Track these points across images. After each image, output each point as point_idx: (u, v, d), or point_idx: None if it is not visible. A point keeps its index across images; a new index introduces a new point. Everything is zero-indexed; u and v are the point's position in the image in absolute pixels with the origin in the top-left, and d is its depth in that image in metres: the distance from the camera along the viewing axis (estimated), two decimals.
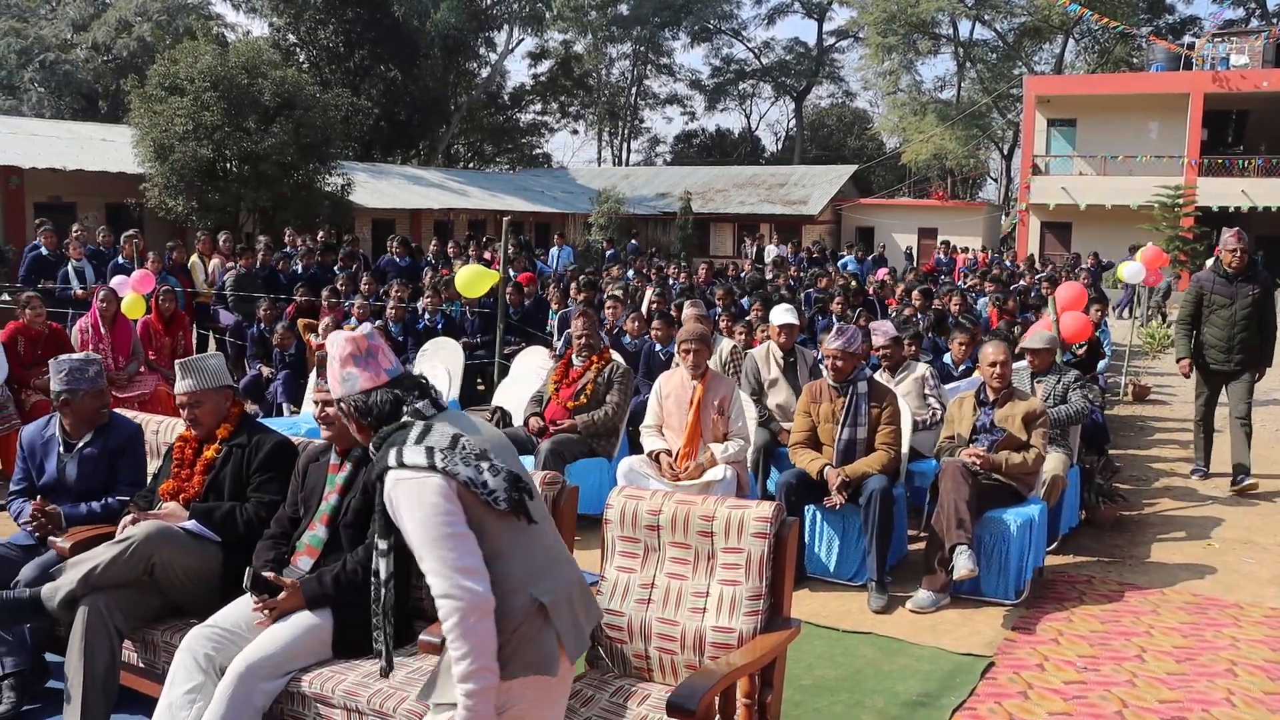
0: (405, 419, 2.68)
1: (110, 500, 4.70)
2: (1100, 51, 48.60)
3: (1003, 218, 40.61)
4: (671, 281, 15.46)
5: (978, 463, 5.94)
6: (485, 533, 2.60)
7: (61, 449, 4.80)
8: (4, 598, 4.06)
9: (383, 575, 2.81)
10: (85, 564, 3.94)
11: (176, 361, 4.51)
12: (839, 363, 6.13)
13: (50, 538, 4.48)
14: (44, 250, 12.83)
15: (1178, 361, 8.57)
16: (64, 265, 12.61)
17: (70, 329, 9.45)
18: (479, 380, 10.84)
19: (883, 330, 7.67)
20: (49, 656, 4.49)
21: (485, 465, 2.58)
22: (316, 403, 3.97)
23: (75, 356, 4.80)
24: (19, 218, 22.70)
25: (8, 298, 12.33)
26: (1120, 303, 22.54)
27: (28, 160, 22.67)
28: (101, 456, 4.77)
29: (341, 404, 2.77)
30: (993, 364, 6.24)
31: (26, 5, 43.09)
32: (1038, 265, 23.23)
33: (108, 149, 25.21)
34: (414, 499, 2.52)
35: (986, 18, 48.02)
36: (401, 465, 2.54)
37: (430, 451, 2.54)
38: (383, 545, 2.80)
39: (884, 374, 7.50)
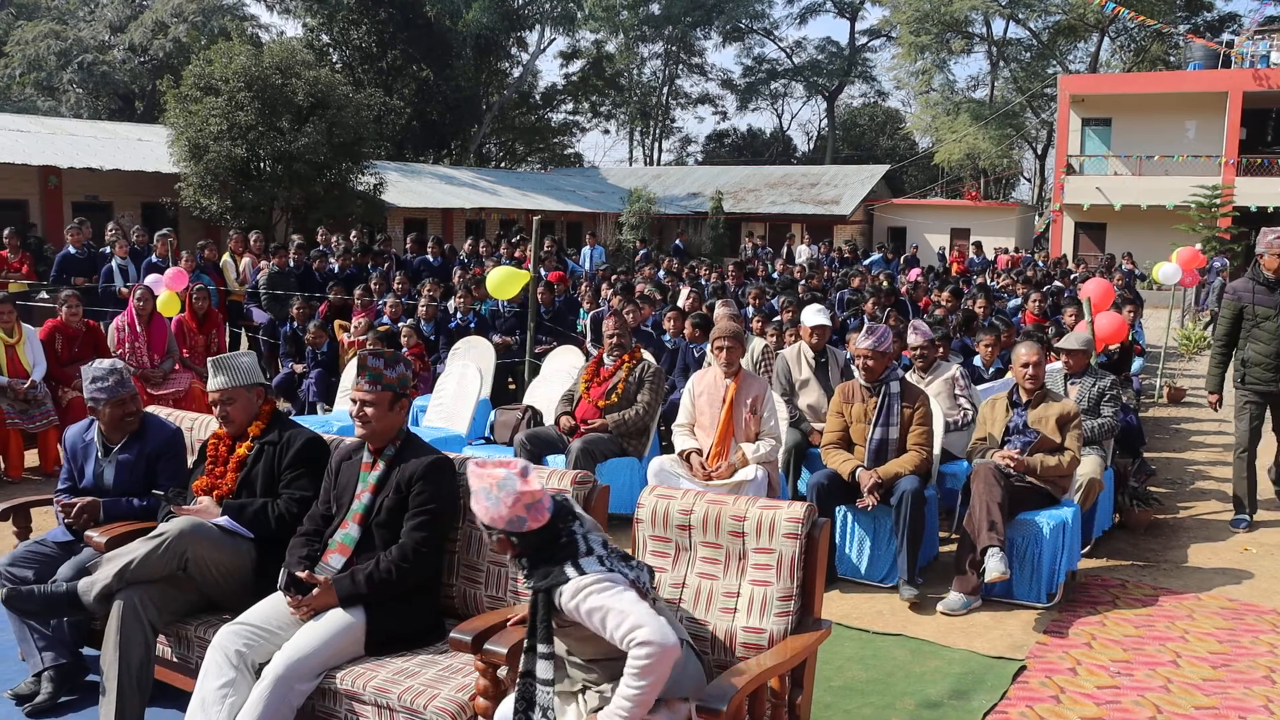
0: (563, 539, 3.20)
1: (145, 502, 4.74)
2: (1136, 50, 48.10)
3: (1036, 218, 40.31)
4: (704, 281, 15.44)
5: (1011, 465, 5.90)
6: None
7: (100, 453, 4.84)
8: (42, 592, 4.11)
9: (543, 676, 3.15)
10: (120, 559, 3.98)
11: (209, 359, 4.53)
12: (870, 362, 6.11)
13: (87, 532, 4.53)
14: (71, 249, 12.95)
15: (1209, 394, 7.50)
16: (105, 263, 12.75)
17: (107, 327, 9.56)
18: (510, 379, 10.87)
19: (922, 330, 7.58)
20: (86, 651, 4.56)
21: (632, 563, 3.26)
22: (354, 400, 3.98)
23: (100, 366, 4.78)
24: (57, 217, 23.00)
25: (45, 296, 12.49)
26: (1203, 302, 21.77)
27: (66, 160, 22.97)
28: (139, 461, 4.79)
29: (499, 534, 3.18)
30: (1025, 365, 6.17)
31: (66, 7, 43.60)
32: (1071, 267, 23.01)
33: (143, 149, 25.49)
34: (602, 588, 3.09)
35: (1020, 16, 47.65)
36: (582, 573, 3.11)
37: (601, 560, 3.16)
38: (544, 650, 3.15)
39: (916, 374, 7.45)
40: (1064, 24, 46.79)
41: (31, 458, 8.44)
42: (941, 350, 8.08)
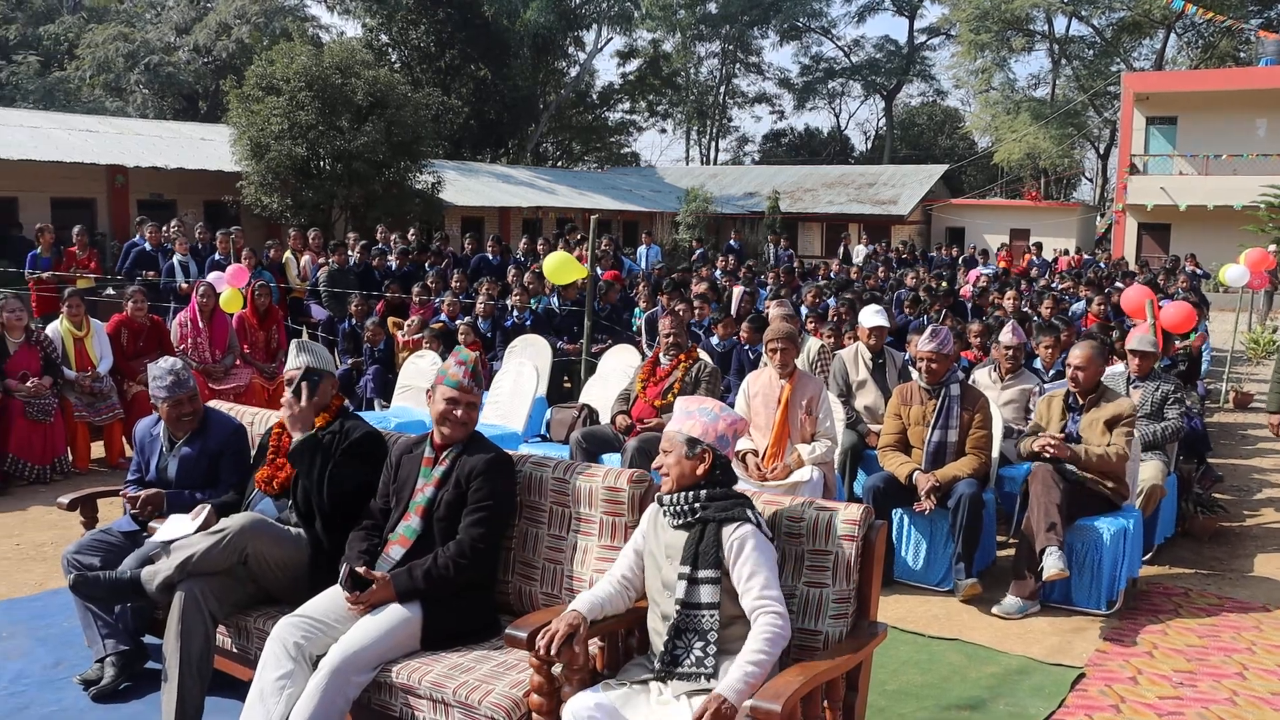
0: (737, 484, 3.54)
1: (212, 492, 4.83)
2: (1204, 46, 47.11)
3: (1098, 219, 39.67)
4: (761, 279, 15.38)
5: (1052, 450, 5.76)
6: None
7: (165, 446, 4.97)
8: (107, 578, 4.22)
9: (707, 601, 3.33)
10: (183, 551, 4.05)
11: (294, 340, 4.60)
12: (933, 365, 6.04)
13: (150, 523, 4.63)
14: (146, 246, 13.24)
15: (1270, 416, 6.73)
16: (167, 259, 13.00)
17: (170, 322, 9.73)
18: (566, 377, 10.90)
19: (1017, 332, 7.41)
20: (148, 639, 4.65)
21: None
22: (457, 402, 3.99)
23: (160, 365, 4.90)
24: (124, 215, 23.47)
25: (112, 291, 12.75)
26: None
27: (132, 159, 23.41)
28: (201, 456, 4.90)
29: (704, 448, 3.45)
30: (1073, 367, 6.01)
31: (134, 10, 44.42)
32: (1134, 268, 22.62)
33: (207, 148, 25.90)
34: (765, 549, 3.35)
35: (1083, 13, 46.84)
36: (758, 526, 3.37)
37: (760, 525, 3.40)
38: (713, 574, 3.33)
39: (994, 376, 7.32)
40: (1128, 20, 45.94)
41: (97, 450, 8.62)
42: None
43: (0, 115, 25.20)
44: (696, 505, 3.41)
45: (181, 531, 4.36)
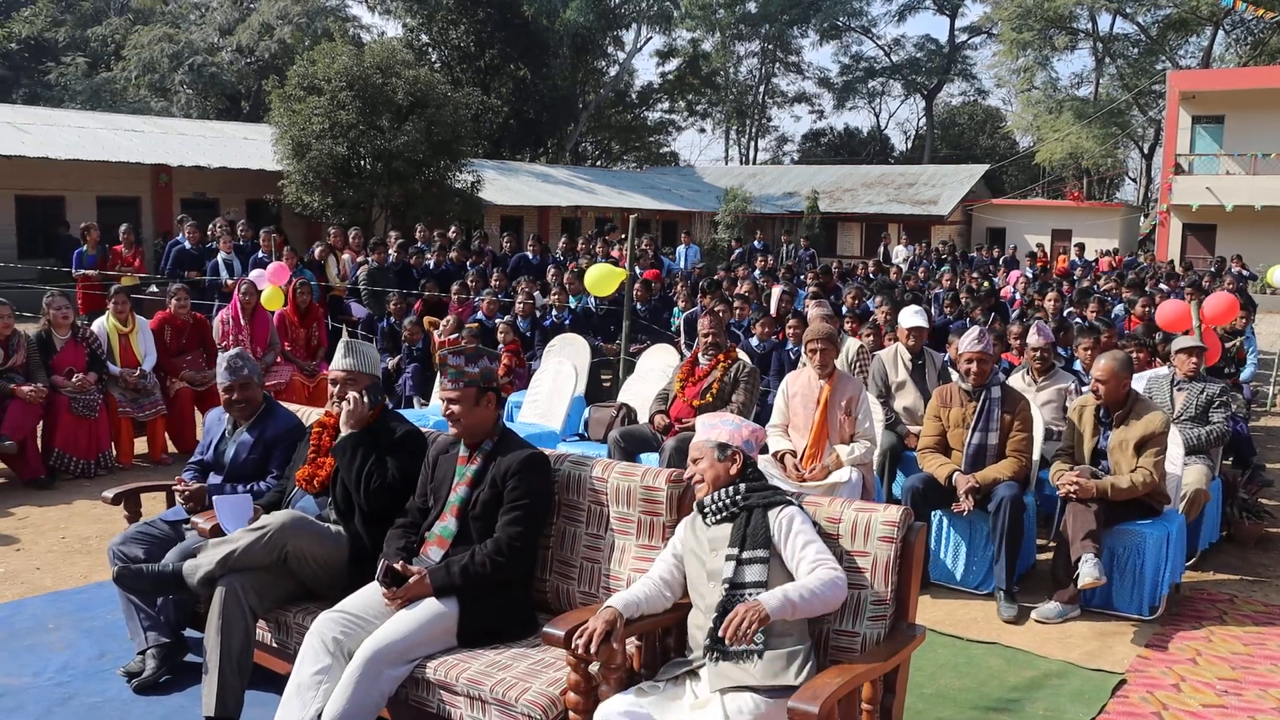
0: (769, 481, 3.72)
1: (258, 485, 4.90)
2: (1254, 43, 46.34)
3: (1141, 219, 39.22)
4: (800, 278, 15.33)
5: (1075, 493, 5.62)
6: None
7: (227, 431, 5.14)
8: (150, 570, 4.28)
9: (755, 579, 3.40)
10: (224, 547, 4.09)
11: (342, 340, 4.65)
12: (978, 367, 5.97)
13: (193, 518, 4.69)
14: (187, 245, 13.39)
15: None
16: (210, 258, 13.15)
17: (213, 320, 9.83)
18: (605, 376, 10.90)
19: (1044, 332, 7.35)
20: (189, 632, 4.71)
21: None
22: (442, 400, 4.03)
23: (226, 354, 5.12)
24: (167, 213, 23.77)
25: (156, 289, 12.91)
26: None
27: (176, 158, 23.71)
28: (257, 445, 5.02)
29: (734, 450, 3.62)
30: (1095, 380, 5.88)
31: (179, 12, 44.95)
32: (1178, 269, 22.33)
33: (249, 147, 26.17)
34: (811, 524, 3.52)
35: (1128, 10, 46.27)
36: (801, 507, 3.56)
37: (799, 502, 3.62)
38: (762, 554, 3.44)
39: (1028, 378, 7.26)
40: (1174, 18, 45.28)
41: (140, 445, 8.73)
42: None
43: (49, 116, 25.61)
44: (738, 497, 3.54)
45: (234, 522, 4.44)
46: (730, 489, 3.56)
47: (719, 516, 3.54)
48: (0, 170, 21.30)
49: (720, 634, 3.26)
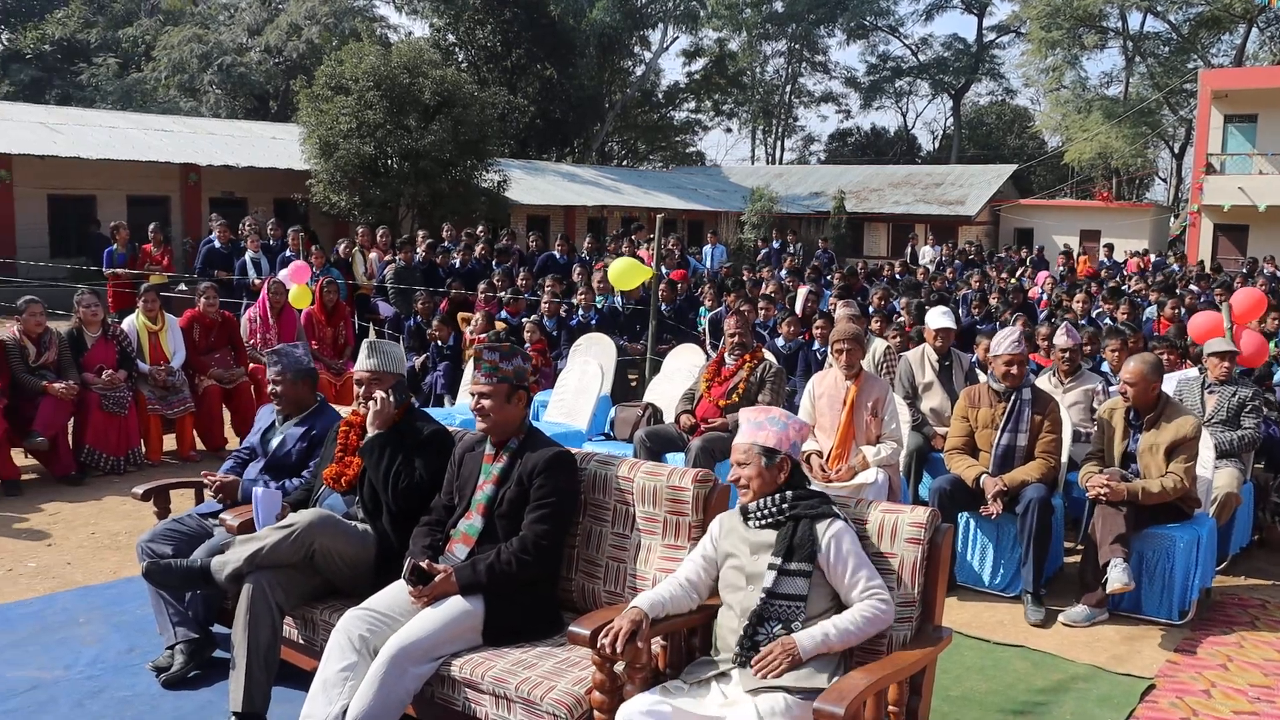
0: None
1: (287, 483, 4.94)
2: None
3: (1171, 220, 38.85)
4: (827, 279, 15.29)
5: (1105, 495, 5.58)
6: None
7: (277, 421, 5.24)
8: (179, 565, 4.33)
9: (795, 592, 3.39)
10: (252, 544, 4.12)
11: (366, 340, 4.68)
12: (1014, 369, 5.92)
13: (221, 514, 4.73)
14: (217, 243, 13.50)
15: None
16: (238, 257, 13.24)
17: (240, 318, 9.89)
18: (631, 376, 10.91)
19: (1071, 333, 7.31)
20: (217, 628, 4.75)
21: None
22: (473, 394, 4.05)
23: (273, 349, 5.26)
24: (196, 211, 23.97)
25: (185, 287, 13.01)
26: None
27: (205, 158, 23.88)
28: (300, 440, 5.10)
29: (783, 456, 3.55)
30: (1122, 382, 5.82)
31: (208, 12, 45.27)
32: (1209, 271, 22.10)
33: (277, 146, 26.32)
34: (859, 543, 3.47)
35: (1159, 9, 45.82)
36: (845, 521, 3.50)
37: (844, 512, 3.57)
38: (806, 567, 3.40)
39: (1055, 379, 7.21)
40: (1207, 16, 44.75)
41: (169, 442, 8.79)
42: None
43: (81, 116, 25.85)
44: (784, 506, 3.49)
45: (267, 517, 4.49)
46: (777, 496, 3.51)
47: (764, 522, 3.51)
48: (33, 170, 21.54)
49: (751, 667, 3.28)
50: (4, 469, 7.65)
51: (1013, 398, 5.93)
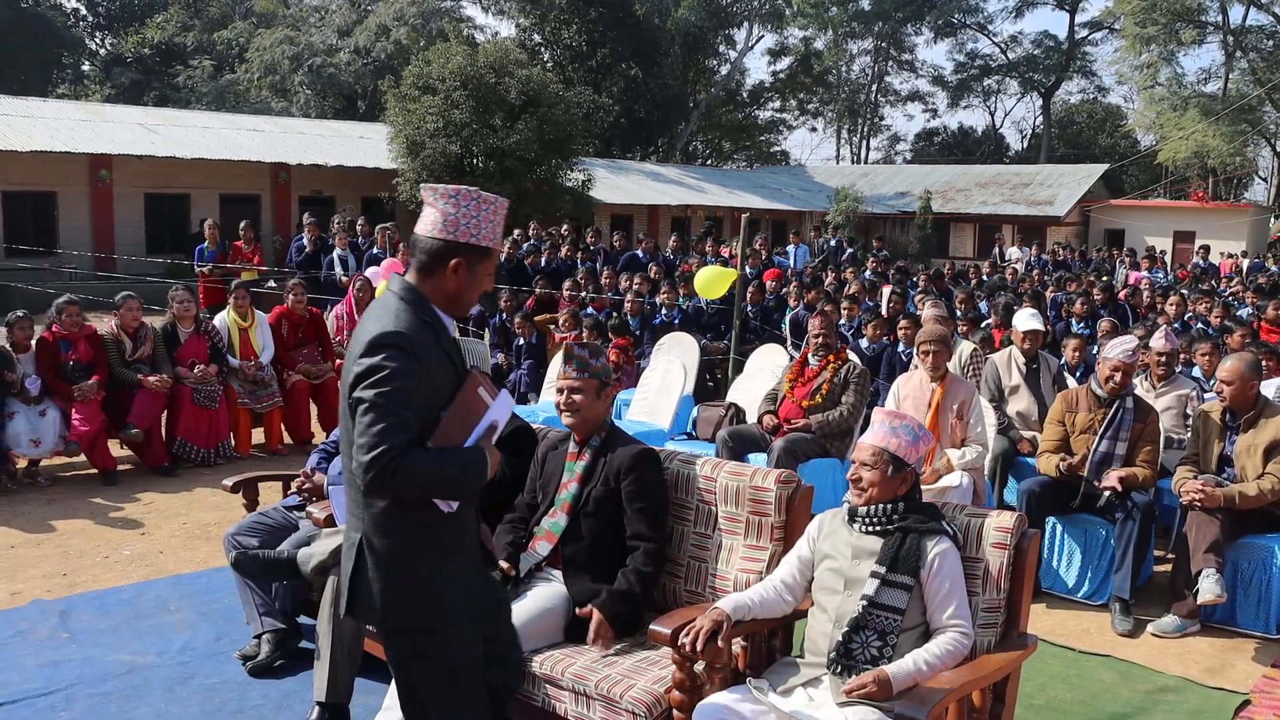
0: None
1: None
2: None
3: (1271, 220, 37.67)
4: (914, 280, 15.11)
5: (1200, 501, 5.41)
6: None
7: None
8: (265, 556, 4.44)
9: (895, 605, 3.34)
10: (337, 537, 4.17)
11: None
12: (1122, 377, 5.79)
13: (308, 508, 4.81)
14: (305, 241, 13.78)
15: None
16: (326, 254, 13.49)
17: (328, 315, 10.07)
18: (708, 376, 10.89)
19: (1170, 337, 7.13)
20: (302, 619, 4.85)
21: None
22: (561, 390, 4.06)
23: None
24: (285, 209, 24.50)
25: (274, 284, 13.30)
26: None
27: (295, 157, 24.38)
28: None
29: (908, 469, 3.49)
30: (1219, 381, 5.65)
31: (299, 15, 46.21)
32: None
33: (365, 146, 26.76)
34: (960, 568, 3.42)
35: (1263, 2, 44.42)
36: (957, 541, 3.45)
37: (954, 527, 3.51)
38: (909, 581, 3.35)
39: (1148, 384, 7.03)
40: None
41: (257, 435, 8.99)
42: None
43: (177, 117, 26.59)
44: (894, 516, 3.42)
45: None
46: (889, 505, 3.44)
47: (871, 528, 3.45)
48: (132, 169, 22.20)
49: (843, 684, 3.24)
50: (102, 460, 7.90)
51: (1115, 405, 5.78)
